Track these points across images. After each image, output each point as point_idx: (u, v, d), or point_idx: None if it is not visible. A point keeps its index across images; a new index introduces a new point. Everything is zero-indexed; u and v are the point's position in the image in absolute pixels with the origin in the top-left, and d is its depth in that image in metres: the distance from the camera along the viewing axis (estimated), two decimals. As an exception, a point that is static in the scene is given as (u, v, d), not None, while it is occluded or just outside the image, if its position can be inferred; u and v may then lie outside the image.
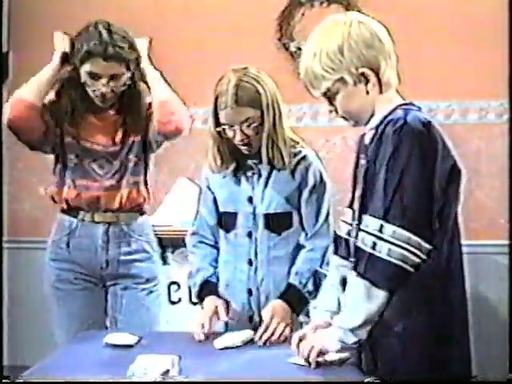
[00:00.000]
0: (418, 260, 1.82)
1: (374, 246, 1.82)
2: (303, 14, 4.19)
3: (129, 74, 2.65)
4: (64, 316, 2.74)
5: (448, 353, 1.90)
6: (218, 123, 2.42)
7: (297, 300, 2.41)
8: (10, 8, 4.15)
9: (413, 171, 1.82)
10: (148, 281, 2.78)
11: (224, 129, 2.41)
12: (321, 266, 2.38)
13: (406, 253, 1.81)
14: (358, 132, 2.23)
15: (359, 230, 1.89)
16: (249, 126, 2.39)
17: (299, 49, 4.16)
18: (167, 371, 1.87)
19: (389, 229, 1.81)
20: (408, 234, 1.81)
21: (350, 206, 2.06)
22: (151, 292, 2.79)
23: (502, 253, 3.72)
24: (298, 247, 2.48)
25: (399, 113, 1.92)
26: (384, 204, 1.83)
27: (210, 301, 2.46)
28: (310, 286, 2.41)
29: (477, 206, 3.97)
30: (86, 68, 2.61)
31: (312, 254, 2.44)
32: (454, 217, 1.93)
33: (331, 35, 1.94)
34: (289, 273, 2.45)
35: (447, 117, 4.10)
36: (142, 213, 2.81)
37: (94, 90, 2.64)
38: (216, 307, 2.42)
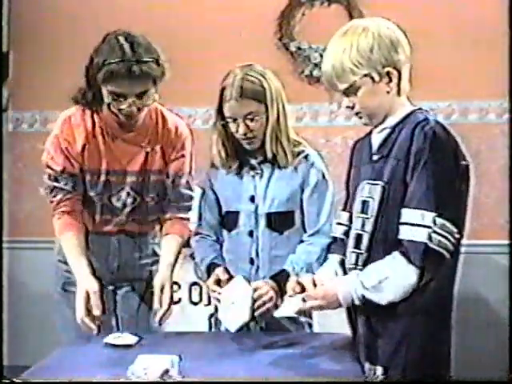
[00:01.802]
0: (453, 249, 1.96)
1: (430, 238, 1.93)
2: (303, 14, 4.19)
3: (154, 90, 2.46)
4: (73, 318, 2.70)
5: (443, 341, 2.05)
6: (223, 117, 2.44)
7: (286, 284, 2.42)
8: (10, 8, 4.16)
9: (447, 169, 1.98)
10: None
11: (228, 122, 2.43)
12: (321, 264, 2.38)
13: (448, 243, 1.95)
14: (358, 132, 2.24)
15: (400, 223, 1.98)
16: (252, 119, 2.41)
17: (299, 49, 4.16)
18: (167, 371, 1.87)
19: (439, 221, 1.94)
20: (450, 226, 1.95)
21: (344, 208, 2.21)
22: None
23: (502, 253, 3.72)
24: (300, 245, 2.50)
25: (420, 116, 2.05)
26: (433, 199, 1.95)
27: (214, 271, 2.49)
28: (304, 269, 2.42)
29: (477, 205, 3.96)
30: (108, 88, 2.42)
31: (311, 247, 2.45)
32: (464, 213, 2.05)
33: (361, 34, 2.04)
34: None
35: (447, 117, 4.09)
36: None
37: (120, 109, 2.46)
38: (217, 274, 2.45)
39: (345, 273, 2.16)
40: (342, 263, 2.19)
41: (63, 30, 4.20)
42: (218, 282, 2.45)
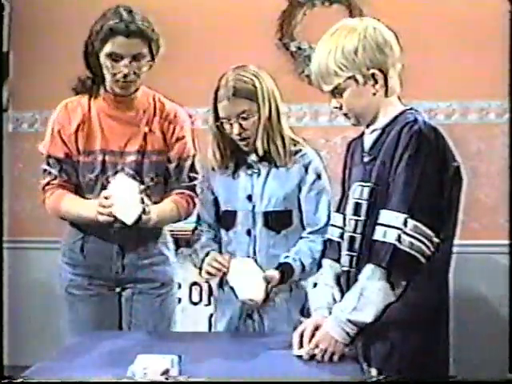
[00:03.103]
0: (430, 252, 1.94)
1: (399, 239, 1.92)
2: (304, 14, 4.19)
3: (150, 57, 2.57)
4: (76, 321, 2.66)
5: (438, 344, 2.03)
6: (217, 118, 2.46)
7: (289, 274, 2.43)
8: (10, 8, 4.15)
9: (430, 171, 1.95)
10: (163, 285, 2.70)
11: (222, 122, 2.44)
12: (321, 259, 2.38)
13: (422, 246, 1.93)
14: (358, 132, 2.24)
15: (377, 224, 1.97)
16: (245, 118, 2.43)
17: (300, 49, 4.16)
18: (167, 371, 1.87)
19: (411, 223, 1.93)
20: (424, 228, 1.93)
21: (338, 210, 2.19)
22: (166, 297, 2.71)
23: (501, 253, 3.72)
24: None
25: (410, 117, 2.03)
26: (407, 200, 1.94)
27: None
28: (307, 267, 2.44)
29: (477, 205, 3.97)
30: (106, 49, 2.52)
31: (314, 244, 2.46)
32: (455, 215, 2.02)
33: (347, 36, 2.03)
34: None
35: (447, 117, 4.10)
36: None
37: (115, 74, 2.54)
38: (215, 255, 2.46)
39: (341, 291, 2.12)
40: (338, 280, 2.15)
41: (63, 30, 4.20)
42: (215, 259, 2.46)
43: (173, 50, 2.63)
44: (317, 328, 2.07)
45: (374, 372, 2.00)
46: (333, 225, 2.22)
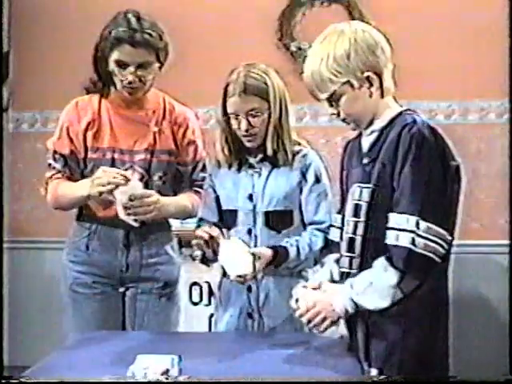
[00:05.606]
0: (444, 251, 1.95)
1: (413, 242, 1.93)
2: (304, 14, 4.19)
3: (158, 64, 2.60)
4: (80, 319, 2.66)
5: (438, 344, 2.04)
6: (225, 113, 2.47)
7: (282, 256, 2.41)
8: (10, 8, 4.16)
9: (434, 171, 1.96)
10: (167, 285, 2.71)
11: (229, 118, 2.44)
12: (320, 254, 2.38)
13: (436, 246, 1.94)
14: (358, 132, 2.24)
15: (387, 228, 1.98)
16: (254, 116, 2.42)
17: (300, 49, 4.16)
18: (167, 371, 1.87)
19: (423, 225, 1.93)
20: (437, 228, 1.94)
21: (340, 211, 2.20)
22: (169, 297, 2.72)
23: (502, 253, 3.72)
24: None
25: (408, 118, 2.04)
26: (417, 202, 1.95)
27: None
28: (302, 255, 2.42)
29: (477, 205, 3.97)
30: (114, 56, 2.55)
31: (315, 238, 2.45)
32: (454, 214, 2.03)
33: (337, 41, 2.03)
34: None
35: (447, 117, 4.10)
36: None
37: (122, 80, 2.57)
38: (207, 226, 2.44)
39: (341, 273, 2.15)
40: (338, 261, 2.18)
41: (63, 30, 4.20)
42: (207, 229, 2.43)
43: (172, 49, 2.64)
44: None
45: (374, 372, 2.01)
46: (333, 226, 2.24)
